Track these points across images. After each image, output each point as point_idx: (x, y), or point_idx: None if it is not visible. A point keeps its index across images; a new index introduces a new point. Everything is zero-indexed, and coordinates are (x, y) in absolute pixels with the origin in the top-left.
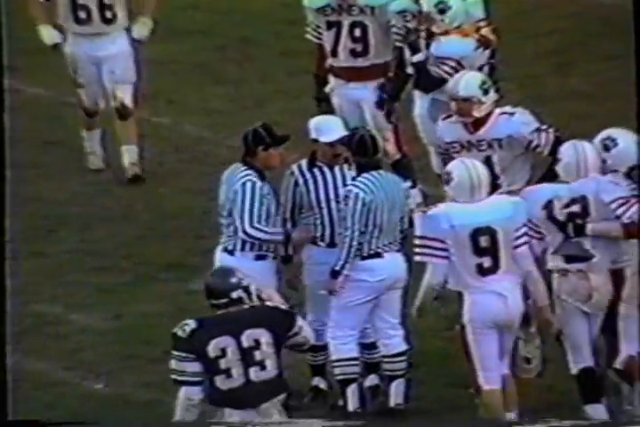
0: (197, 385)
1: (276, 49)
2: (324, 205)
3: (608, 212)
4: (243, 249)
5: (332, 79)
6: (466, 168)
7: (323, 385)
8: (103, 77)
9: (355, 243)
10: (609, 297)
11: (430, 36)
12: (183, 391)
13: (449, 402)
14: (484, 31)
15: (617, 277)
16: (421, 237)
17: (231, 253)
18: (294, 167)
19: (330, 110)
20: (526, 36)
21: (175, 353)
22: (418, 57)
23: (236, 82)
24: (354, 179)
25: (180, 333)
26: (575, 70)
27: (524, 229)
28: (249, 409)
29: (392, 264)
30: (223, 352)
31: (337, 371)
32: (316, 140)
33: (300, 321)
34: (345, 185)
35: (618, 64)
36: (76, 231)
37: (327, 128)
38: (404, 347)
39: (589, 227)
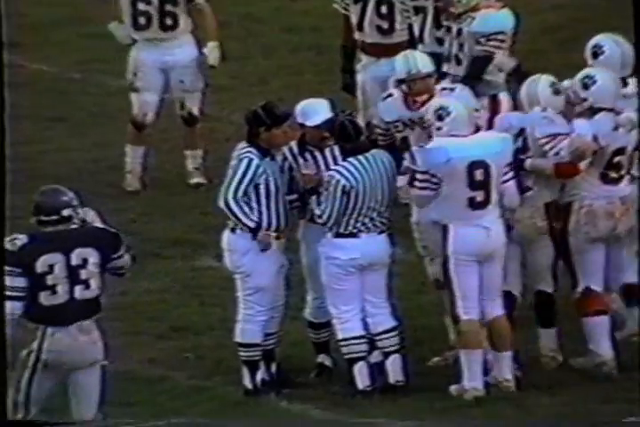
0: (21, 300)
1: (278, 25)
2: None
3: (541, 148)
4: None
5: (363, 57)
6: (459, 102)
7: (328, 362)
8: (171, 85)
9: (328, 225)
10: (535, 231)
11: (437, 15)
12: (8, 306)
13: (453, 378)
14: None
15: (566, 210)
16: (423, 172)
17: (233, 230)
18: (286, 151)
19: (353, 83)
20: (530, 11)
21: (6, 268)
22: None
23: (240, 58)
24: (336, 164)
25: (9, 246)
26: (579, 45)
27: (511, 165)
28: (70, 326)
29: (368, 245)
30: (51, 269)
31: (343, 350)
32: (303, 125)
33: (124, 245)
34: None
35: None
36: None
37: (312, 111)
38: (391, 323)
39: (528, 162)
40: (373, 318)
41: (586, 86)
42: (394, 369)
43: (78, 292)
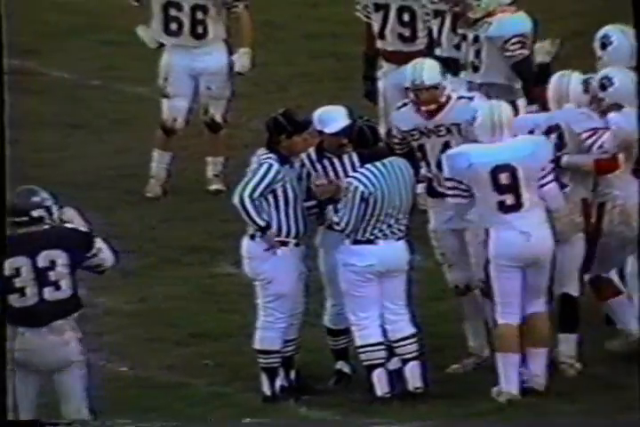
0: None
1: (298, 32)
2: None
3: (581, 143)
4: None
5: (384, 64)
6: (489, 108)
7: (346, 369)
8: (200, 91)
9: (346, 232)
10: (573, 227)
11: (455, 20)
12: None
13: (473, 386)
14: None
15: (600, 210)
16: (449, 179)
17: (252, 237)
18: (304, 158)
19: (374, 91)
20: (552, 17)
21: None
22: None
23: (259, 65)
24: (355, 170)
25: None
26: None
27: (550, 167)
28: (41, 327)
29: (385, 252)
30: (17, 271)
31: (362, 357)
32: (321, 132)
33: (98, 243)
34: None
35: None
36: (101, 214)
37: (330, 119)
38: (409, 330)
39: (564, 159)
40: (392, 325)
41: (604, 87)
42: (412, 376)
43: (48, 293)
